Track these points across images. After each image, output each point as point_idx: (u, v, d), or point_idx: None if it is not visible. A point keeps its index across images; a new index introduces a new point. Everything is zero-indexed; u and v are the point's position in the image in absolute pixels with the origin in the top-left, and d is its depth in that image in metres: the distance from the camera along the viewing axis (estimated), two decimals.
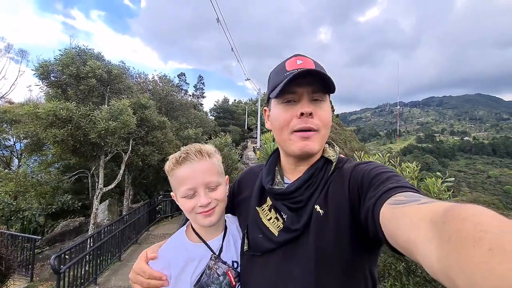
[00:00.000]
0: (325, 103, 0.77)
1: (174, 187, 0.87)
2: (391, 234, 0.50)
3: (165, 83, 17.12)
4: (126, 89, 9.97)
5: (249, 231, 0.84)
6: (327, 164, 0.79)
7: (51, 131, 7.43)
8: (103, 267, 6.66)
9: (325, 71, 0.77)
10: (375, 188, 0.61)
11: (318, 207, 0.73)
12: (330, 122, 0.78)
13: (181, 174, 0.83)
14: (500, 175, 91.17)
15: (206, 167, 0.85)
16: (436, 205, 0.42)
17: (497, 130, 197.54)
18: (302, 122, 0.74)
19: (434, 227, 0.38)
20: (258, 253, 0.79)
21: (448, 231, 0.34)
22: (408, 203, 0.48)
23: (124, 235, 8.01)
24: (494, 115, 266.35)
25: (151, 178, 13.90)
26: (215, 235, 0.90)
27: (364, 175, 0.68)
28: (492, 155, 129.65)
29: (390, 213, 0.51)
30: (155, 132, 10.67)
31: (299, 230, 0.72)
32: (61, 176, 12.08)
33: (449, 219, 0.36)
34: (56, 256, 5.18)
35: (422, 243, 0.39)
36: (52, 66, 8.11)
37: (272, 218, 0.80)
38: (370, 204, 0.59)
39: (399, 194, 0.53)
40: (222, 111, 41.18)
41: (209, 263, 0.83)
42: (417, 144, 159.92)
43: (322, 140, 0.77)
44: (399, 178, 0.61)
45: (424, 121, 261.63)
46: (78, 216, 12.61)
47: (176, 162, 0.83)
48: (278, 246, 0.75)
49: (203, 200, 0.81)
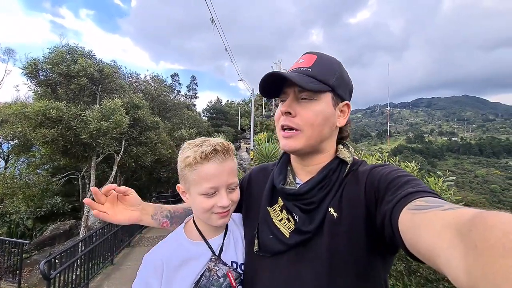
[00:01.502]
0: (316, 101, 0.74)
1: (191, 181, 0.80)
2: (411, 241, 0.48)
3: (158, 83, 16.94)
4: (118, 89, 9.79)
5: (260, 231, 0.82)
6: (342, 165, 0.77)
7: (40, 131, 7.21)
8: (95, 271, 6.49)
9: (327, 68, 0.76)
10: (392, 192, 0.59)
11: (332, 209, 0.71)
12: (318, 121, 0.74)
13: (207, 171, 0.77)
14: (487, 175, 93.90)
15: (231, 167, 0.82)
16: (461, 212, 0.40)
17: (484, 131, 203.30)
18: (283, 120, 0.76)
19: (459, 235, 0.36)
20: (268, 254, 0.77)
21: (475, 239, 0.32)
22: (430, 209, 0.46)
23: (116, 238, 7.84)
24: (480, 116, 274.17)
25: (144, 180, 13.71)
26: (216, 234, 0.87)
27: (381, 178, 0.66)
28: (479, 155, 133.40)
29: (410, 219, 0.49)
30: (148, 132, 10.51)
31: (311, 232, 0.70)
32: (50, 178, 11.73)
33: (475, 226, 0.34)
34: (46, 261, 5.00)
35: (446, 252, 0.37)
36: (41, 64, 7.89)
37: (284, 219, 0.78)
38: (387, 208, 0.56)
39: (419, 199, 0.51)
40: (215, 112, 41.08)
41: (208, 265, 0.79)
42: (407, 145, 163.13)
43: (308, 140, 0.74)
44: (418, 182, 0.59)
45: (414, 122, 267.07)
46: (68, 219, 12.30)
47: (206, 156, 0.77)
48: (289, 248, 0.73)
49: (225, 201, 0.78)
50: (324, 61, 0.77)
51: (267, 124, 31.10)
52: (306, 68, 0.75)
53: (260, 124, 31.32)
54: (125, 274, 6.82)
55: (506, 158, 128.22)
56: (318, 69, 0.74)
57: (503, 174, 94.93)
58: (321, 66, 0.76)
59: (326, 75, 0.74)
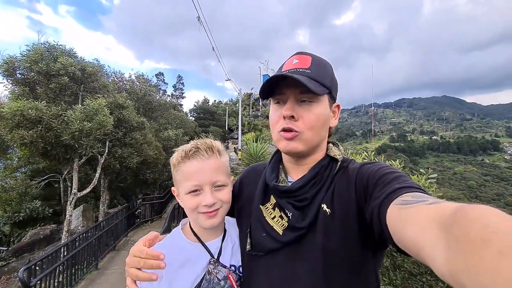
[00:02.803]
0: (316, 104, 0.75)
1: (178, 182, 0.82)
2: (398, 235, 0.49)
3: (143, 82, 16.56)
4: (101, 88, 9.47)
5: (252, 230, 0.82)
6: (333, 163, 0.79)
7: (18, 133, 6.86)
8: (79, 277, 6.29)
9: (323, 69, 0.77)
10: (381, 188, 0.61)
11: (325, 206, 0.72)
12: (319, 124, 0.76)
13: (188, 169, 0.79)
14: (465, 171, 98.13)
15: (215, 164, 0.82)
16: (444, 206, 0.41)
17: (461, 130, 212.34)
18: (284, 123, 0.75)
19: (442, 228, 0.37)
20: (262, 253, 0.77)
21: (456, 233, 0.34)
22: (415, 204, 0.47)
23: (101, 242, 7.64)
24: (458, 116, 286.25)
25: (129, 181, 13.37)
26: (214, 237, 0.87)
27: (370, 175, 0.68)
28: (457, 153, 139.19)
29: (397, 214, 0.50)
30: (133, 133, 10.24)
31: (305, 228, 0.71)
32: (29, 181, 11.23)
33: (457, 220, 0.35)
34: (26, 268, 4.80)
35: (430, 245, 0.38)
36: (18, 62, 7.51)
37: (276, 216, 0.78)
38: (376, 204, 0.58)
39: (406, 195, 0.52)
40: (203, 112, 40.68)
41: (208, 268, 0.79)
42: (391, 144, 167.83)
43: (308, 142, 0.76)
44: (406, 179, 0.60)
45: (397, 122, 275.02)
46: (48, 223, 11.82)
47: (186, 155, 0.79)
48: (283, 246, 0.73)
49: (208, 199, 0.77)
50: (319, 62, 0.78)
51: (254, 124, 31.13)
52: (305, 69, 0.75)
53: (247, 124, 31.29)
54: (110, 279, 6.65)
55: (482, 155, 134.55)
56: (316, 70, 0.75)
57: (479, 170, 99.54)
58: (318, 67, 0.76)
59: (324, 77, 0.75)
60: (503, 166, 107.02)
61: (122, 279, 6.58)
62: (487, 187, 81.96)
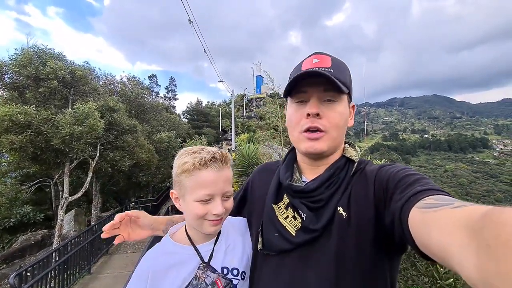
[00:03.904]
0: (338, 103, 0.74)
1: (187, 187, 0.79)
2: (422, 239, 0.47)
3: (135, 84, 16.43)
4: (92, 92, 9.41)
5: (264, 229, 0.81)
6: (349, 164, 0.77)
7: (6, 138, 6.77)
8: (71, 282, 6.24)
9: (343, 70, 0.76)
10: (402, 190, 0.58)
11: (341, 209, 0.70)
12: (342, 123, 0.75)
13: (204, 178, 0.78)
14: (455, 169, 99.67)
15: (228, 176, 0.83)
16: (472, 209, 0.39)
17: (452, 128, 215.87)
18: (309, 122, 0.73)
19: (470, 232, 0.35)
20: (273, 253, 0.76)
21: (486, 237, 0.32)
22: (440, 207, 0.45)
23: (93, 246, 7.58)
24: (448, 114, 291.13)
25: (122, 184, 13.27)
26: (206, 240, 0.87)
27: (390, 177, 0.65)
28: (448, 151, 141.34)
29: (420, 218, 0.48)
30: (125, 136, 10.19)
31: (318, 231, 0.69)
32: (19, 186, 11.04)
33: (487, 224, 0.33)
34: (17, 274, 4.76)
35: (458, 251, 0.36)
36: (6, 66, 7.41)
37: (289, 216, 0.77)
38: (397, 207, 0.56)
39: (429, 198, 0.50)
40: (196, 113, 40.48)
41: (196, 273, 0.79)
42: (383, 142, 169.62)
43: (332, 141, 0.75)
44: (428, 181, 0.58)
45: (389, 121, 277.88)
46: (40, 228, 11.63)
47: (204, 163, 0.78)
48: (296, 247, 0.72)
49: (219, 208, 0.79)
50: (339, 63, 0.77)
51: (248, 125, 31.16)
52: (327, 68, 0.73)
53: (241, 125, 31.29)
54: (103, 283, 6.62)
55: (471, 153, 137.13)
56: (337, 70, 0.74)
57: (470, 168, 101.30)
58: (339, 67, 0.75)
59: (345, 77, 0.74)
60: (492, 163, 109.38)
61: (115, 283, 6.55)
62: (477, 184, 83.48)
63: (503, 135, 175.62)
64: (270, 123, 20.26)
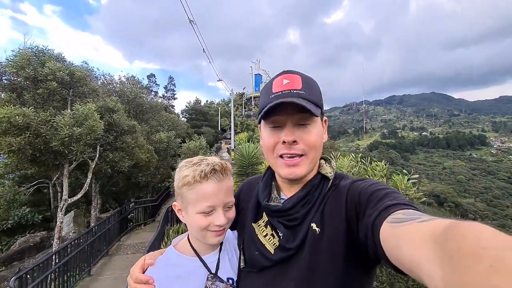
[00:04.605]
0: (312, 125, 0.75)
1: (189, 200, 0.81)
2: (392, 253, 0.49)
3: (133, 84, 16.37)
4: (91, 93, 9.34)
5: (245, 247, 0.84)
6: (324, 181, 0.79)
7: (5, 140, 6.71)
8: (71, 284, 6.22)
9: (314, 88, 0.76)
10: (373, 205, 0.61)
11: (314, 225, 0.72)
12: (319, 143, 0.76)
13: (205, 190, 0.79)
14: (454, 166, 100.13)
15: (228, 186, 0.84)
16: (436, 223, 0.42)
17: (450, 125, 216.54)
18: (286, 149, 0.74)
19: (435, 245, 0.38)
20: (255, 270, 0.78)
21: (450, 250, 0.34)
22: (408, 222, 0.48)
23: (93, 248, 7.56)
24: (446, 112, 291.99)
25: (121, 185, 13.23)
26: (211, 251, 0.88)
27: (361, 192, 0.67)
28: (446, 148, 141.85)
29: (390, 232, 0.50)
30: (124, 137, 10.14)
31: (294, 249, 0.72)
32: (17, 188, 10.97)
33: (449, 237, 0.36)
34: (17, 277, 4.73)
35: (426, 263, 0.38)
36: (4, 68, 7.33)
37: (268, 234, 0.79)
38: (369, 222, 0.58)
39: (398, 212, 0.53)
40: (195, 113, 40.38)
41: (206, 284, 0.80)
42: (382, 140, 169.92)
43: (311, 163, 0.76)
44: (397, 195, 0.61)
45: (387, 119, 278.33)
46: (38, 230, 11.58)
47: (205, 176, 0.79)
48: (274, 264, 0.74)
49: (222, 220, 0.80)
50: (309, 81, 0.77)
51: (247, 124, 31.16)
52: (298, 90, 0.73)
53: (240, 124, 31.29)
54: (103, 285, 6.60)
55: (469, 150, 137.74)
56: (308, 91, 0.74)
57: (468, 165, 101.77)
58: (309, 87, 0.75)
59: (316, 96, 0.75)
60: (489, 160, 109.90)
61: (115, 285, 6.53)
62: (475, 181, 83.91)
63: (500, 132, 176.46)
64: None
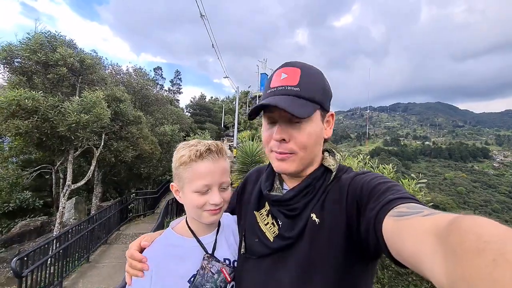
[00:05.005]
0: (307, 123, 0.72)
1: (185, 179, 0.83)
2: (395, 247, 0.49)
3: (140, 76, 16.41)
4: (99, 81, 9.38)
5: (246, 234, 0.85)
6: (327, 173, 0.79)
7: (13, 122, 6.76)
8: (70, 269, 6.27)
9: (313, 83, 0.74)
10: (375, 199, 0.60)
11: (314, 215, 0.72)
12: (312, 142, 0.74)
13: (200, 169, 0.81)
14: (455, 177, 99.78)
15: (224, 167, 0.86)
16: (439, 217, 0.42)
17: (453, 136, 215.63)
18: (276, 146, 0.75)
19: (438, 240, 0.37)
20: (254, 257, 0.80)
21: (453, 244, 0.34)
22: (411, 215, 0.47)
23: (93, 235, 7.62)
24: (451, 122, 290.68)
25: (123, 175, 13.27)
26: (208, 232, 0.91)
27: (363, 186, 0.67)
28: (448, 159, 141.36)
29: (393, 226, 0.50)
30: (130, 127, 10.19)
31: (293, 238, 0.72)
32: (20, 172, 11.05)
33: (452, 231, 0.35)
34: (18, 258, 4.79)
35: (428, 257, 0.38)
36: (17, 51, 7.38)
37: (269, 223, 0.81)
38: (371, 216, 0.58)
39: (400, 206, 0.52)
40: (199, 108, 40.48)
41: (202, 263, 0.83)
42: (384, 147, 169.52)
43: (301, 161, 0.75)
44: (399, 188, 0.60)
45: (391, 126, 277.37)
46: (38, 215, 11.65)
47: (200, 155, 0.81)
48: (273, 252, 0.75)
49: (216, 198, 0.82)
50: (309, 75, 0.74)
51: (251, 122, 31.13)
52: (293, 87, 0.71)
53: (244, 122, 31.31)
54: (101, 272, 6.65)
55: (472, 162, 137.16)
56: (305, 86, 0.72)
57: (469, 177, 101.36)
58: (308, 82, 0.72)
59: (314, 92, 0.72)
60: (491, 174, 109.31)
61: (113, 273, 6.57)
62: (476, 194, 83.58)
63: (504, 146, 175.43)
64: None
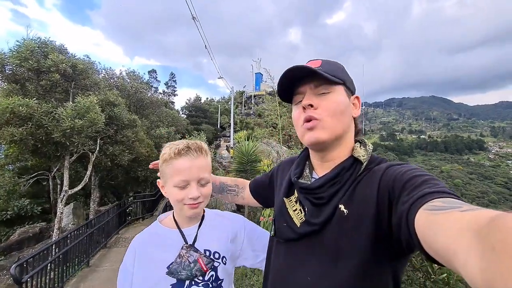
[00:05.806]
0: (333, 94, 0.78)
1: (167, 175, 0.91)
2: (428, 242, 0.47)
3: (134, 79, 16.37)
4: (93, 86, 9.39)
5: (276, 218, 0.91)
6: (356, 164, 0.77)
7: (7, 130, 6.77)
8: (70, 274, 6.30)
9: (333, 66, 0.82)
10: (409, 192, 0.58)
11: (342, 206, 0.72)
12: (339, 109, 0.77)
13: (179, 165, 0.89)
14: (451, 170, 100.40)
15: (202, 163, 0.93)
16: (480, 213, 0.39)
17: (448, 129, 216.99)
18: (305, 114, 0.78)
19: (477, 236, 0.35)
20: (282, 240, 0.85)
21: (492, 241, 0.32)
22: (448, 210, 0.45)
23: (92, 240, 7.63)
24: (445, 115, 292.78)
25: (120, 179, 13.26)
26: (191, 224, 0.99)
27: (396, 178, 0.65)
28: (444, 152, 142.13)
29: (427, 220, 0.47)
30: (125, 131, 10.20)
31: (318, 225, 0.74)
32: (17, 179, 11.02)
33: (493, 228, 0.33)
34: (18, 264, 4.82)
35: (464, 253, 0.37)
36: (7, 58, 7.38)
37: (297, 209, 0.84)
38: (404, 209, 0.55)
39: (437, 200, 0.50)
40: (195, 110, 40.35)
41: (180, 252, 0.90)
42: (381, 142, 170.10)
43: (330, 129, 0.77)
44: (437, 182, 0.57)
45: (386, 121, 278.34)
46: (37, 221, 11.63)
47: (178, 152, 0.89)
48: (300, 237, 0.79)
49: (194, 193, 0.88)
50: (330, 62, 0.83)
51: (246, 122, 31.20)
52: (317, 67, 0.78)
53: (240, 122, 31.33)
54: (101, 276, 6.68)
55: (467, 154, 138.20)
56: (327, 67, 0.79)
57: (465, 169, 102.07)
58: (329, 65, 0.80)
59: (336, 72, 0.79)
60: (487, 165, 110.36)
61: (113, 276, 6.61)
62: (472, 185, 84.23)
63: (499, 137, 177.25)
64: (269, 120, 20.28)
